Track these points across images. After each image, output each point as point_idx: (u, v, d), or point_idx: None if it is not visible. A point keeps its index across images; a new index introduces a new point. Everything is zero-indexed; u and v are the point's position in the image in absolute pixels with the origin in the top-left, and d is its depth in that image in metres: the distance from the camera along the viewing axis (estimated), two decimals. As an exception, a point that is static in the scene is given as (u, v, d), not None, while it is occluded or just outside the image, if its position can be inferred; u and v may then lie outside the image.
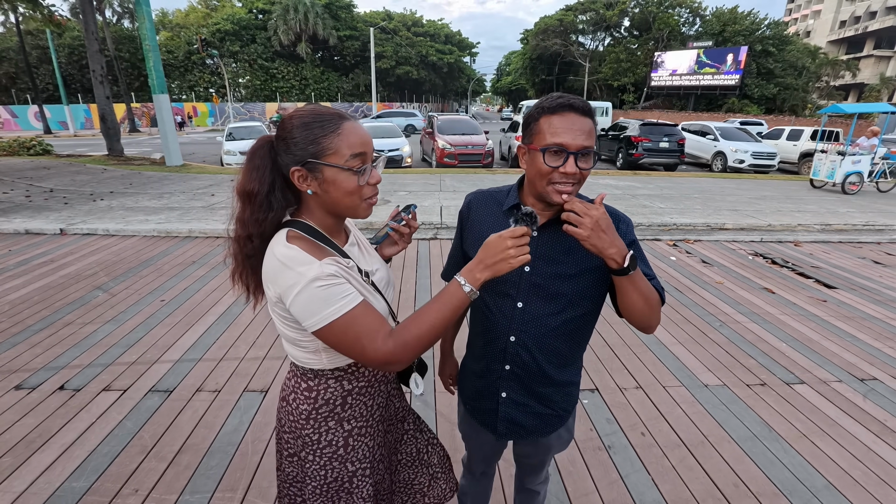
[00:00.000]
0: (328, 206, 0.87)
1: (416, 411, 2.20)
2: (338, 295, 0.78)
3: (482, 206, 1.10)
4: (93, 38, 10.91)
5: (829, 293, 3.97)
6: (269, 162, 0.85)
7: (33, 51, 28.81)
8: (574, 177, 0.90)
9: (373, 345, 0.78)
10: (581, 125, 0.89)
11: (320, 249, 0.84)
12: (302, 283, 0.77)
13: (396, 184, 8.35)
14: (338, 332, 0.79)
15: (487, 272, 0.80)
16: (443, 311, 0.80)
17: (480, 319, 1.11)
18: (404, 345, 0.78)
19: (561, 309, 1.01)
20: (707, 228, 5.93)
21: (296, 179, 0.83)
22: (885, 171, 9.39)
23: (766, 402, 2.44)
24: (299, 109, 0.85)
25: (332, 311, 0.78)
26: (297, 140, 0.82)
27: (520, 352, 1.05)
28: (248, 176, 0.85)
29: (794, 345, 3.06)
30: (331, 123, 0.82)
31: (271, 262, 0.81)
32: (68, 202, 6.56)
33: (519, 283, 1.01)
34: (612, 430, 2.17)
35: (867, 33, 47.12)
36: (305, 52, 36.04)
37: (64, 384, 2.44)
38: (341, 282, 0.80)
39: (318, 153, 0.82)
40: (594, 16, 40.24)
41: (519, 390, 1.09)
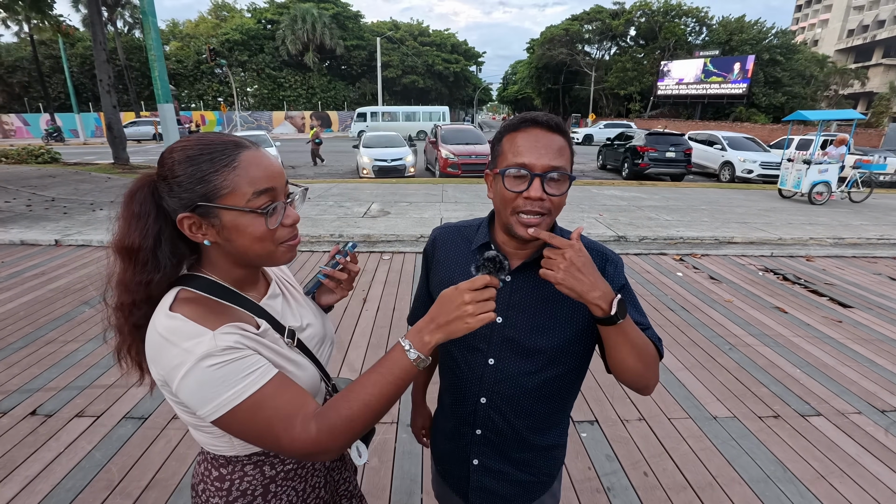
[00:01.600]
0: (234, 256, 0.71)
1: (401, 445, 2.07)
2: (239, 373, 0.62)
3: (448, 242, 0.97)
4: (101, 48, 11.03)
5: (845, 313, 3.78)
6: (153, 208, 0.68)
7: (46, 60, 29.39)
8: (541, 204, 0.76)
9: (289, 433, 0.62)
10: (547, 142, 0.76)
11: (217, 313, 0.67)
12: (189, 363, 0.60)
13: (398, 194, 8.26)
14: (242, 421, 0.63)
15: (439, 334, 0.65)
16: (382, 385, 0.65)
17: (448, 374, 0.97)
18: (330, 430, 0.63)
19: (539, 367, 0.86)
20: (715, 242, 5.75)
21: (186, 228, 0.67)
22: (857, 181, 9.06)
23: (780, 437, 2.27)
24: (182, 140, 0.68)
25: (231, 395, 0.61)
26: (180, 179, 0.65)
27: (492, 415, 0.90)
28: (126, 227, 0.67)
29: (809, 371, 2.88)
30: (222, 156, 0.65)
31: (152, 336, 0.65)
32: (68, 212, 6.53)
33: (490, 336, 0.87)
34: (612, 469, 2.01)
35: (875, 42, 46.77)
36: (313, 61, 36.40)
37: (36, 409, 2.33)
38: (244, 355, 0.63)
39: (210, 194, 0.65)
40: (600, 25, 40.32)
41: (493, 456, 0.94)
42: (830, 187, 8.57)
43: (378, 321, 3.39)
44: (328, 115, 35.53)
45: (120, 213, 0.69)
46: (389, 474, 1.96)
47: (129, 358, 0.74)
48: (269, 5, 39.01)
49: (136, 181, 0.71)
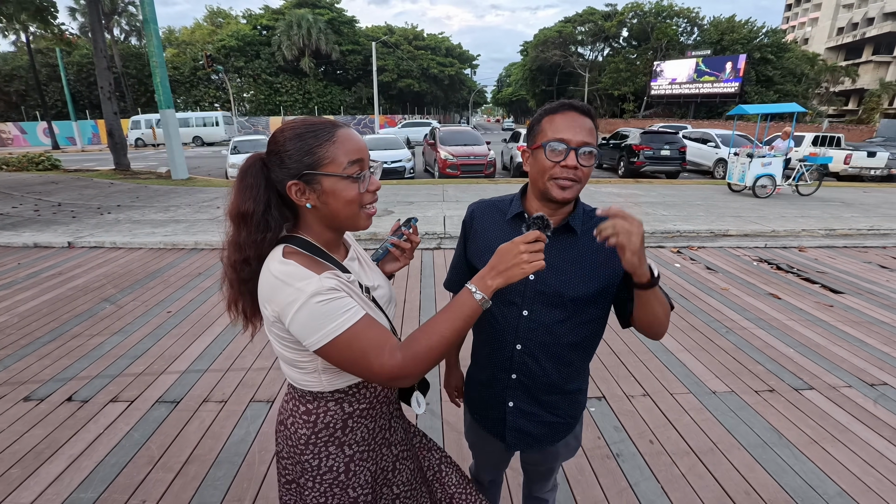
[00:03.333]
0: (327, 218, 0.84)
1: (422, 420, 2.21)
2: (339, 309, 0.74)
3: (485, 215, 1.12)
4: (101, 55, 11.14)
5: (836, 298, 3.95)
6: (263, 180, 0.82)
7: (43, 69, 29.39)
8: (575, 172, 0.92)
9: (379, 359, 0.74)
10: (582, 123, 0.92)
11: (318, 264, 0.80)
12: (301, 299, 0.73)
13: (399, 195, 8.41)
14: (342, 349, 0.75)
15: (500, 279, 0.77)
16: (454, 321, 0.76)
17: (485, 328, 1.11)
18: (414, 356, 0.74)
19: (566, 317, 1.01)
20: (711, 235, 5.92)
21: (293, 194, 0.80)
22: (804, 174, 9.18)
23: (776, 409, 2.42)
24: (290, 122, 0.82)
25: (335, 326, 0.74)
26: (290, 153, 0.79)
27: (526, 360, 1.05)
28: (240, 196, 0.81)
29: (802, 350, 3.03)
30: (324, 132, 0.80)
31: (267, 279, 0.77)
32: (76, 216, 6.64)
33: (524, 290, 1.02)
34: (619, 438, 2.16)
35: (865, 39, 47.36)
36: (309, 66, 36.58)
37: (72, 395, 2.45)
38: (342, 296, 0.76)
39: (315, 164, 0.79)
40: (593, 27, 40.72)
41: (526, 399, 1.09)
42: (775, 180, 8.65)
43: (390, 312, 3.52)
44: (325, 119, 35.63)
45: (235, 185, 0.82)
46: (412, 446, 2.10)
47: (236, 309, 0.88)
48: (265, 11, 39.19)
49: (248, 159, 0.84)
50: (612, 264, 0.99)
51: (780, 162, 8.67)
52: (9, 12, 8.29)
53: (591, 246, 0.99)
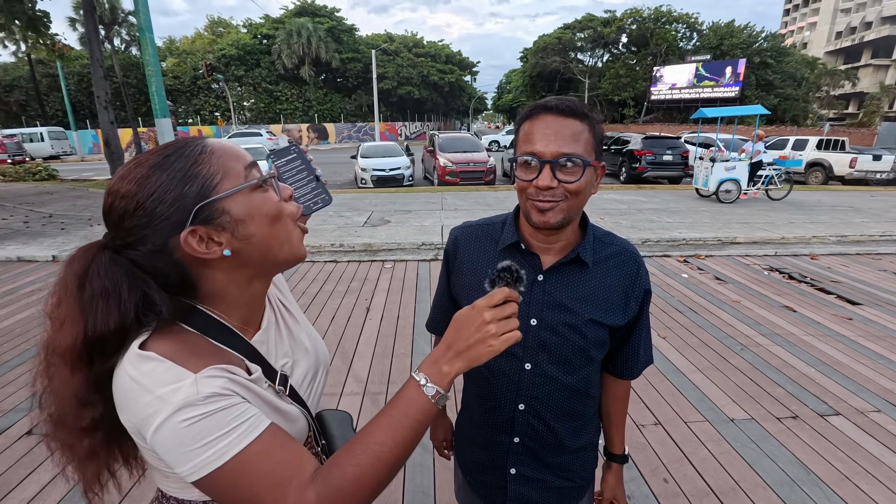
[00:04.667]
0: (257, 258, 0.59)
1: (412, 457, 2.00)
2: (223, 426, 0.50)
3: (472, 242, 0.92)
4: (98, 64, 11.07)
5: (854, 310, 3.74)
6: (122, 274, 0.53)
7: (43, 79, 29.55)
8: (552, 192, 0.73)
9: (283, 500, 0.50)
10: (558, 127, 0.73)
11: (200, 353, 0.54)
12: (164, 413, 0.48)
13: (397, 203, 8.24)
14: (226, 485, 0.50)
15: (459, 362, 0.56)
16: (396, 431, 0.54)
17: (478, 382, 0.92)
18: (334, 497, 0.51)
19: (578, 366, 0.84)
20: (718, 243, 5.72)
21: (195, 247, 0.54)
22: (773, 178, 8.93)
23: (800, 438, 2.21)
24: (122, 169, 0.55)
25: (213, 453, 0.49)
26: (157, 195, 0.52)
27: (531, 421, 0.86)
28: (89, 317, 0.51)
29: (824, 370, 2.82)
30: (188, 148, 0.55)
31: (121, 378, 0.51)
32: (65, 227, 6.48)
33: (525, 339, 0.83)
34: (630, 477, 1.94)
35: (864, 43, 47.45)
36: (309, 74, 36.69)
37: (32, 428, 2.25)
38: (231, 403, 0.51)
39: (205, 189, 0.54)
40: (592, 33, 40.83)
41: (530, 464, 0.90)
42: (739, 185, 8.38)
43: (383, 330, 3.33)
44: (325, 127, 35.72)
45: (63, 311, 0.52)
46: (401, 488, 1.89)
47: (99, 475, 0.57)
48: (265, 21, 39.43)
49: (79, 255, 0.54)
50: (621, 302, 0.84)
51: (745, 166, 8.40)
52: (1, 22, 8.20)
53: (604, 280, 0.82)
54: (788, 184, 8.98)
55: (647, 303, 0.88)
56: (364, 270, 4.69)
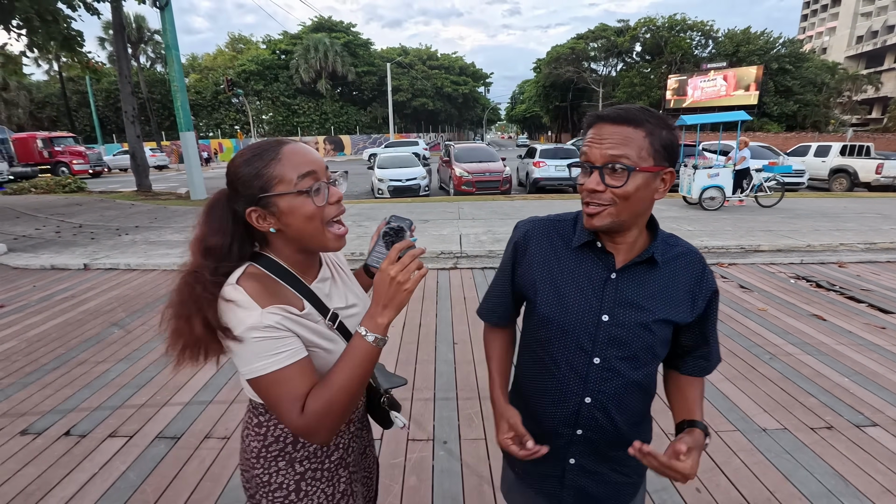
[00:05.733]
0: (293, 240, 0.81)
1: (439, 463, 2.01)
2: (271, 350, 0.72)
3: (543, 238, 0.93)
4: (126, 81, 11.52)
5: (887, 319, 3.62)
6: (229, 213, 0.80)
7: (73, 95, 30.82)
8: (600, 196, 0.77)
9: (290, 413, 0.73)
10: (609, 134, 0.77)
11: (270, 293, 0.76)
12: (238, 330, 0.72)
13: (415, 213, 8.32)
14: (262, 389, 0.74)
15: (389, 312, 0.75)
16: (351, 370, 0.75)
17: (543, 376, 0.93)
18: (316, 414, 0.73)
19: (645, 362, 0.86)
20: (741, 251, 5.62)
21: (254, 220, 0.78)
22: (762, 185, 8.67)
23: (837, 449, 2.14)
24: (242, 150, 0.81)
25: (261, 365, 0.72)
26: (242, 180, 0.77)
27: (596, 414, 0.88)
28: (206, 230, 0.80)
29: (858, 380, 2.74)
30: (269, 152, 0.77)
31: (220, 300, 0.76)
32: (95, 237, 6.71)
33: (596, 334, 0.85)
34: (662, 486, 1.91)
35: (886, 47, 46.38)
36: (325, 88, 37.49)
37: (70, 429, 2.33)
38: (280, 335, 0.73)
39: (266, 186, 0.76)
40: (605, 43, 40.86)
41: (590, 456, 0.92)
42: (724, 192, 8.17)
43: (405, 337, 3.36)
44: (341, 139, 36.32)
45: (200, 219, 0.81)
46: (429, 493, 1.89)
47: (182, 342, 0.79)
48: (284, 37, 40.54)
49: (214, 195, 0.83)
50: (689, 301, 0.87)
51: (729, 173, 8.22)
52: (38, 42, 8.62)
53: (672, 279, 0.86)
54: (779, 191, 8.78)
55: (714, 302, 0.89)
56: (384, 278, 4.73)
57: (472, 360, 3.02)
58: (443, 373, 2.86)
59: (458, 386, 2.72)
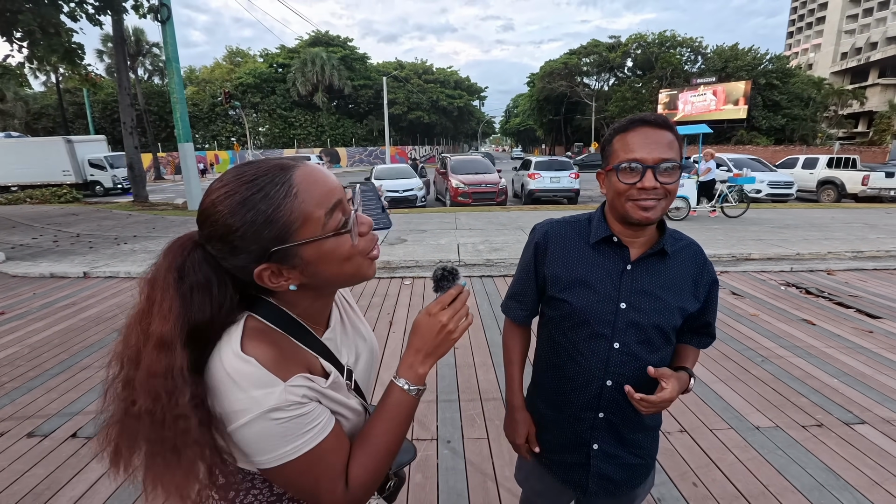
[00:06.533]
0: (324, 286, 0.65)
1: (443, 461, 2.06)
2: (301, 428, 0.58)
3: (562, 237, 1.01)
4: (125, 93, 11.63)
5: (875, 323, 3.73)
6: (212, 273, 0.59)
7: (70, 107, 30.88)
8: (655, 192, 0.86)
9: (333, 493, 0.61)
10: (657, 137, 0.86)
11: (288, 358, 0.60)
12: (254, 413, 0.55)
13: (412, 223, 8.41)
14: (293, 475, 0.59)
15: (430, 360, 0.69)
16: (395, 427, 0.66)
17: (566, 364, 1.00)
18: (364, 487, 0.64)
19: (660, 346, 0.95)
20: (733, 259, 5.75)
21: (267, 281, 0.60)
22: (728, 196, 8.90)
23: (827, 446, 2.21)
24: (217, 185, 0.58)
25: (291, 449, 0.57)
26: (240, 232, 0.56)
27: (617, 397, 0.95)
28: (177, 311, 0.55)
29: (847, 380, 2.82)
30: (274, 186, 0.56)
31: (217, 371, 0.56)
32: (93, 246, 6.72)
33: (615, 321, 0.93)
34: (660, 481, 1.97)
35: (870, 63, 47.76)
36: (322, 101, 37.85)
37: (77, 431, 2.35)
38: (309, 409, 0.59)
39: (282, 234, 0.57)
40: (598, 58, 41.72)
41: (610, 440, 0.99)
42: (689, 202, 8.38)
43: (406, 343, 3.41)
44: (337, 151, 36.56)
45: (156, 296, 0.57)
46: (435, 491, 1.94)
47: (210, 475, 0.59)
48: (281, 50, 41.04)
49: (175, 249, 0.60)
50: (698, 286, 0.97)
51: (692, 184, 8.44)
52: (40, 55, 8.71)
53: (680, 269, 0.95)
54: (744, 201, 9.03)
55: (715, 289, 0.99)
56: (384, 286, 4.79)
57: (473, 363, 3.08)
58: (444, 376, 2.91)
59: (460, 388, 2.77)
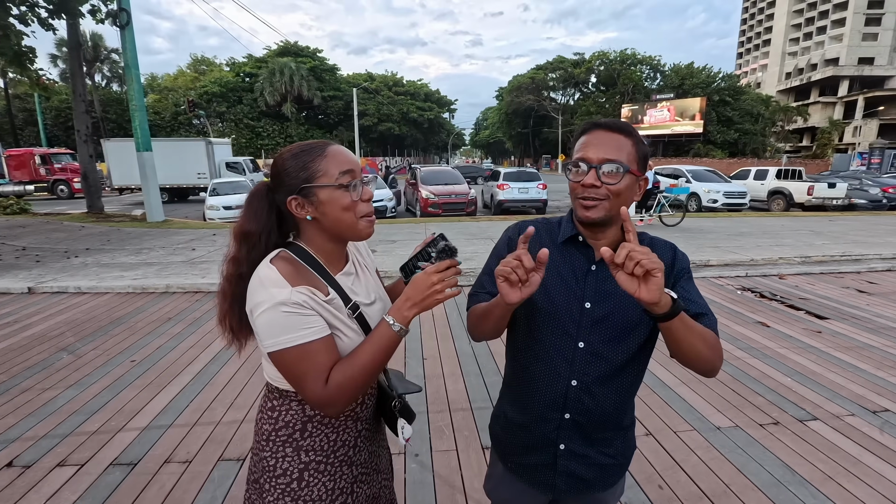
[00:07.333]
0: (328, 228, 0.89)
1: (411, 475, 2.01)
2: (299, 325, 0.79)
3: (535, 238, 1.00)
4: (80, 99, 11.07)
5: (822, 324, 3.95)
6: (266, 203, 0.90)
7: (20, 113, 29.15)
8: (597, 190, 0.86)
9: (314, 385, 0.79)
10: (606, 140, 0.88)
11: (300, 275, 0.84)
12: (269, 304, 0.78)
13: (382, 234, 8.33)
14: (287, 362, 0.80)
15: (416, 309, 0.83)
16: (375, 353, 0.82)
17: (532, 362, 0.98)
18: (339, 387, 0.80)
19: (626, 345, 0.93)
20: (693, 265, 5.98)
21: (293, 208, 0.86)
22: (665, 205, 9.43)
23: (784, 443, 2.30)
24: (288, 146, 0.90)
25: (289, 338, 0.78)
26: (289, 171, 0.86)
27: (582, 397, 0.94)
28: (246, 218, 0.89)
29: (800, 379, 2.96)
30: (317, 149, 0.87)
31: (253, 279, 0.83)
32: (40, 260, 6.29)
33: (580, 319, 0.92)
34: (627, 484, 1.97)
35: (811, 83, 51.55)
36: (290, 111, 37.33)
37: (13, 460, 2.16)
38: (307, 313, 0.80)
39: (310, 177, 0.85)
40: (563, 73, 43.19)
41: (578, 440, 0.97)
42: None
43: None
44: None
45: (243, 208, 0.91)
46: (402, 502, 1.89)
47: (225, 324, 0.91)
48: (248, 60, 40.29)
49: (256, 185, 0.92)
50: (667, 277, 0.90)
51: None
52: (-16, 57, 8.21)
53: None
54: (680, 211, 9.51)
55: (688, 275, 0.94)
56: (353, 297, 4.70)
57: (442, 373, 3.04)
58: (414, 387, 2.86)
59: (429, 400, 2.73)
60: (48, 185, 19.12)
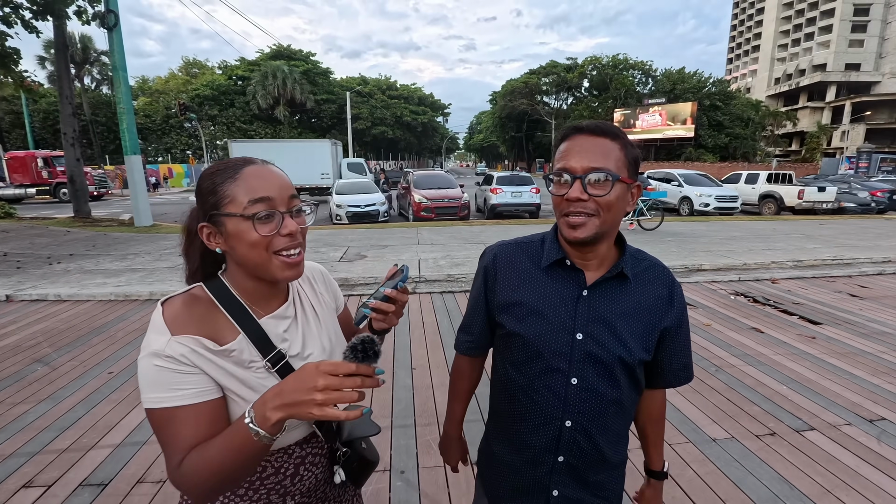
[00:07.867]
0: (241, 265, 0.75)
1: (396, 494, 1.92)
2: (168, 383, 0.65)
3: (512, 261, 0.91)
4: (67, 101, 10.89)
5: (816, 329, 3.92)
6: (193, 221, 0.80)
7: (6, 116, 28.76)
8: (584, 205, 0.76)
9: (169, 460, 0.66)
10: (590, 145, 0.77)
11: (196, 320, 0.71)
12: (144, 352, 0.67)
13: (373, 238, 8.24)
14: (153, 423, 0.68)
15: (280, 412, 0.59)
16: (225, 453, 0.63)
17: (520, 400, 0.88)
18: (190, 475, 0.64)
19: (622, 380, 0.84)
20: (686, 270, 5.95)
21: (204, 237, 0.74)
22: (643, 210, 9.51)
23: (780, 455, 2.24)
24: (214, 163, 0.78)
25: (155, 397, 0.66)
26: (202, 192, 0.74)
27: (577, 438, 0.84)
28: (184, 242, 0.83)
29: (795, 387, 2.92)
30: (231, 170, 0.72)
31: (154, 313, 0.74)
32: (21, 266, 6.12)
33: (570, 353, 0.82)
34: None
35: (800, 88, 52.38)
36: (283, 114, 37.15)
37: (-27, 483, 2.04)
38: (183, 370, 0.66)
39: (217, 203, 0.71)
40: (556, 78, 43.44)
41: (572, 484, 0.87)
42: None
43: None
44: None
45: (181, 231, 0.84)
46: (386, 526, 1.80)
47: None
48: (241, 63, 40.10)
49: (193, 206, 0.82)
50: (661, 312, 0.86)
51: None
52: (-34, 59, 8.03)
53: (644, 293, 0.85)
54: (658, 215, 9.57)
55: (685, 316, 0.89)
56: (342, 304, 4.60)
57: (431, 384, 2.96)
58: (401, 399, 2.77)
59: (417, 412, 2.64)
60: (50, 188, 18.87)
